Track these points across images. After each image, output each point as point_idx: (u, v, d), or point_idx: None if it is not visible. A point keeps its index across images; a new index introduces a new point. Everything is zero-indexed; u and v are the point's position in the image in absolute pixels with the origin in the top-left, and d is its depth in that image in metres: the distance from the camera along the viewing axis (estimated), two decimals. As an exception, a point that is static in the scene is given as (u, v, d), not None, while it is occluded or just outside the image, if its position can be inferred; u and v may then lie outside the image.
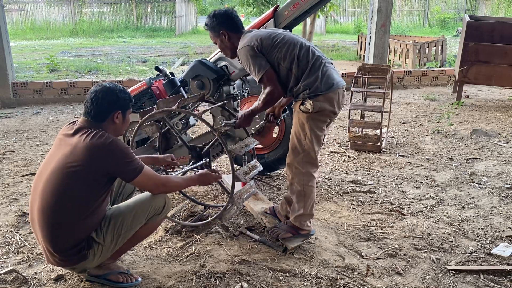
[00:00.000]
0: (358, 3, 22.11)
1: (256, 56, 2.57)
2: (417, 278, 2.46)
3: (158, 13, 20.11)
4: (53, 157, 2.21)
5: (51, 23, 18.70)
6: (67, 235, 2.15)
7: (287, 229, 2.77)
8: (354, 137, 4.69)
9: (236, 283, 2.38)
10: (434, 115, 6.12)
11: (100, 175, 2.16)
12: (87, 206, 2.16)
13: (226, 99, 3.35)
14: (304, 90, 2.56)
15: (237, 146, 2.74)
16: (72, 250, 2.17)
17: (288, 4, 3.39)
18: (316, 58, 2.60)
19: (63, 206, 2.13)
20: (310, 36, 13.14)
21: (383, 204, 3.40)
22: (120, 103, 2.28)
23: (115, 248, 2.29)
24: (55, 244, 2.15)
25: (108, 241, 2.23)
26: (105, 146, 2.13)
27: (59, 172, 2.13)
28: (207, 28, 2.82)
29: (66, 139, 2.21)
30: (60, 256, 2.17)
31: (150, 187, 2.30)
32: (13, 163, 4.27)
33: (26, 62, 10.68)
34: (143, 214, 2.29)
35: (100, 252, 2.23)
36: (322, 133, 2.66)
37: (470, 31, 6.61)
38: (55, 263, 2.23)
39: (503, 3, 19.72)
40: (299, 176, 2.66)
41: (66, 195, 2.13)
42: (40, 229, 2.16)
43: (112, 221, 2.24)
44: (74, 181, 2.12)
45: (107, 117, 2.24)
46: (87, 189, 2.15)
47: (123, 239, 2.28)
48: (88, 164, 2.12)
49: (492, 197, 3.51)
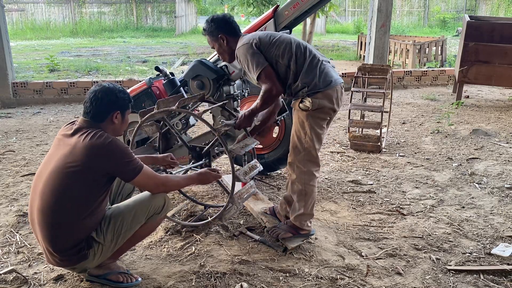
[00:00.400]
0: (358, 3, 22.10)
1: (254, 54, 2.59)
2: (417, 278, 2.46)
3: (158, 13, 20.11)
4: (52, 157, 2.21)
5: (51, 23, 18.70)
6: (67, 235, 2.15)
7: (287, 229, 2.77)
8: (354, 137, 4.69)
9: (236, 283, 2.38)
10: (434, 115, 6.12)
11: (100, 175, 2.16)
12: (87, 206, 2.16)
13: (226, 99, 3.35)
14: (302, 87, 2.58)
15: (237, 146, 2.74)
16: (72, 250, 2.17)
17: (288, 4, 3.39)
18: (313, 56, 2.63)
19: (62, 206, 2.13)
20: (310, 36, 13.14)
21: (383, 204, 3.40)
22: (119, 104, 2.28)
23: (115, 248, 2.29)
24: (55, 244, 2.15)
25: (108, 241, 2.23)
26: (104, 146, 2.13)
27: (58, 172, 2.13)
28: (205, 33, 2.84)
29: (65, 139, 2.21)
30: (60, 256, 2.17)
31: (150, 186, 2.30)
32: (13, 163, 4.27)
33: (26, 62, 10.68)
34: (142, 213, 2.29)
35: (100, 251, 2.22)
36: (322, 131, 2.66)
37: (470, 31, 6.61)
38: (55, 263, 2.23)
39: (503, 3, 19.72)
40: (300, 175, 2.67)
41: (66, 195, 2.13)
42: (40, 229, 2.16)
43: (112, 221, 2.24)
44: (73, 181, 2.12)
45: (106, 117, 2.24)
46: (86, 189, 2.15)
47: (123, 239, 2.28)
48: (88, 164, 2.11)
49: (492, 197, 3.51)
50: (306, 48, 2.66)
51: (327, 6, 12.48)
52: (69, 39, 16.72)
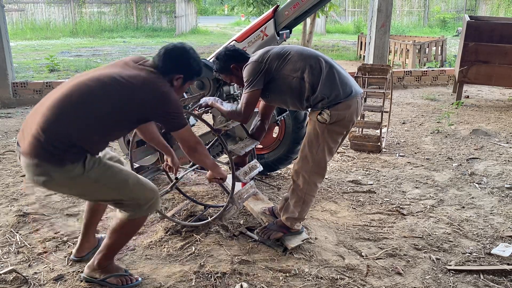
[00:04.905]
0: (358, 3, 22.10)
1: (256, 73, 2.57)
2: (417, 278, 2.46)
3: (158, 13, 20.10)
4: (107, 69, 2.17)
5: (51, 23, 18.69)
6: (68, 129, 2.02)
7: (277, 229, 2.78)
8: (354, 137, 4.69)
9: (236, 283, 2.38)
10: (434, 115, 6.12)
11: (141, 112, 2.15)
12: (104, 124, 2.09)
13: (226, 99, 3.35)
14: (322, 99, 2.52)
15: (237, 147, 2.74)
16: (59, 145, 2.00)
17: (288, 4, 3.39)
18: (330, 66, 2.58)
19: (85, 105, 2.04)
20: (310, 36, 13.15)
21: (383, 204, 3.40)
22: (186, 70, 2.28)
23: (85, 194, 2.18)
24: (50, 127, 1.99)
25: (89, 178, 2.08)
26: (164, 91, 2.15)
27: (110, 78, 2.08)
28: (218, 73, 2.81)
29: (131, 63, 2.21)
30: (45, 139, 1.97)
31: (189, 142, 2.30)
32: (13, 163, 4.27)
33: (26, 62, 10.68)
34: (130, 189, 2.17)
35: (75, 178, 2.05)
36: (335, 145, 2.65)
37: (470, 31, 6.62)
38: (30, 154, 2.00)
39: (503, 3, 19.73)
40: (304, 184, 2.67)
41: (96, 98, 2.05)
42: (47, 110, 2.01)
43: (107, 166, 2.14)
44: (115, 94, 2.07)
45: (168, 74, 2.23)
46: (118, 113, 2.09)
47: (98, 191, 2.16)
48: (138, 95, 2.08)
49: (492, 197, 3.51)
50: (320, 58, 2.59)
51: (327, 6, 12.49)
52: (69, 39, 16.72)
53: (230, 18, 28.22)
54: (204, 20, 26.45)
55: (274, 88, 2.63)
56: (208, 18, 30.02)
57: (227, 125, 2.82)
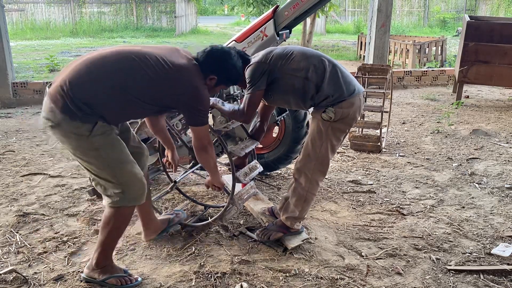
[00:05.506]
0: (358, 3, 22.10)
1: (259, 73, 2.57)
2: (417, 278, 2.46)
3: (158, 13, 20.10)
4: (154, 49, 2.23)
5: (51, 23, 18.69)
6: (91, 87, 2.08)
7: (277, 229, 2.78)
8: (354, 137, 4.69)
9: (236, 283, 2.38)
10: (434, 115, 6.12)
11: (171, 99, 2.20)
12: (129, 98, 2.12)
13: (226, 99, 3.35)
14: (326, 98, 2.54)
15: (238, 148, 2.74)
16: (77, 101, 2.04)
17: (288, 4, 3.39)
18: (333, 65, 2.60)
19: (116, 73, 2.11)
20: (310, 36, 13.15)
21: (383, 204, 3.40)
22: (223, 74, 2.34)
23: (83, 159, 2.18)
24: (76, 82, 2.06)
25: (93, 143, 2.11)
26: (197, 86, 2.20)
27: (151, 56, 2.14)
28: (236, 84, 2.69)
29: (181, 51, 2.29)
30: (68, 91, 2.05)
31: (201, 141, 2.33)
32: (13, 163, 4.27)
33: (26, 62, 10.68)
34: (123, 173, 2.18)
35: (80, 138, 2.10)
36: (338, 143, 2.66)
37: (470, 31, 6.62)
38: (52, 96, 2.08)
39: (503, 3, 19.73)
40: (306, 183, 2.67)
41: (132, 72, 2.10)
42: (80, 65, 2.10)
43: (114, 142, 2.17)
44: (147, 71, 2.11)
45: (205, 72, 2.28)
46: (148, 91, 2.13)
47: (96, 159, 2.16)
48: (174, 82, 2.14)
49: (492, 197, 3.52)
50: (322, 57, 2.61)
51: (327, 6, 12.50)
52: (69, 39, 16.71)
53: (230, 18, 28.24)
54: (204, 20, 26.47)
55: (277, 88, 2.62)
56: (208, 18, 30.05)
57: (227, 125, 2.82)
